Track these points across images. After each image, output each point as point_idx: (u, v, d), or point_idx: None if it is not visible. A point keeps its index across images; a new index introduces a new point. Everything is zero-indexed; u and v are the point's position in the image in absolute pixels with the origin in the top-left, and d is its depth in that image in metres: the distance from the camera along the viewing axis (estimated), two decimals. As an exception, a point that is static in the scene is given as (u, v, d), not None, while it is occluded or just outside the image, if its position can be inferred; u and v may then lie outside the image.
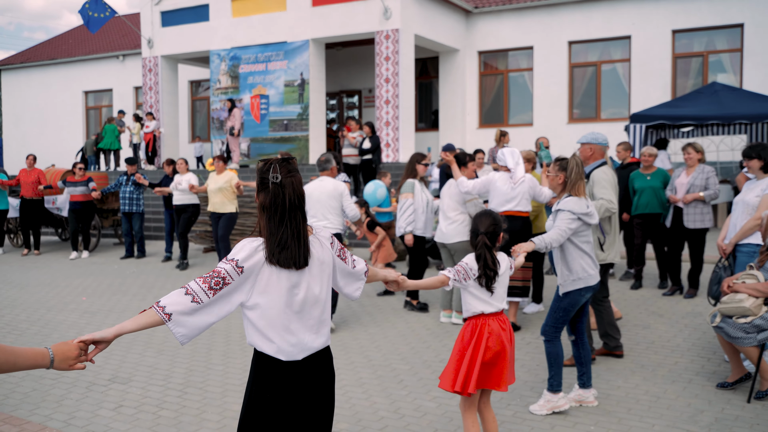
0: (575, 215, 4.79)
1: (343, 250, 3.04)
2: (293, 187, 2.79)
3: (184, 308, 2.61)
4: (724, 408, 5.01)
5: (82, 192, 12.89)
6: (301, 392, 2.82)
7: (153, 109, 20.69)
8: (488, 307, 3.92)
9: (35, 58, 27.41)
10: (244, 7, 18.90)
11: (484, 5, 19.47)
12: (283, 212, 2.76)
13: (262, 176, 2.82)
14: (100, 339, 2.57)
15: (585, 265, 4.92)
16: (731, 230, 6.10)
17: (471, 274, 3.91)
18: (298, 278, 2.78)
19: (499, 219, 4.07)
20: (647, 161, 8.87)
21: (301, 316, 2.80)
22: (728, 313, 5.17)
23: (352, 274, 3.10)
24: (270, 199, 2.78)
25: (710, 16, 17.07)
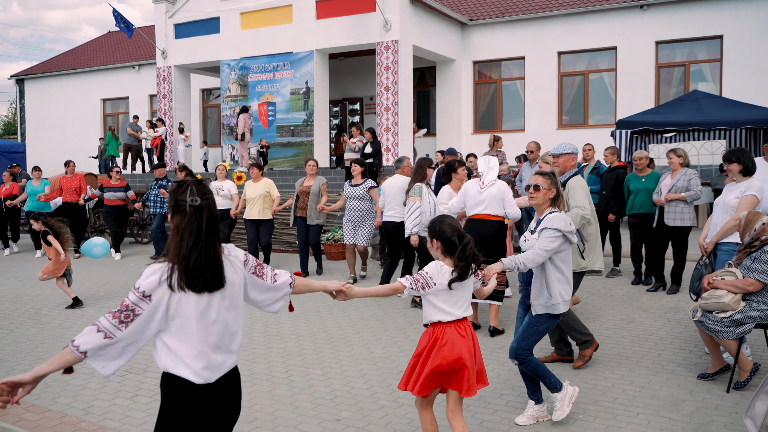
0: (561, 233, 4.35)
1: (260, 267, 2.88)
2: (210, 210, 2.65)
3: (98, 345, 2.50)
4: (705, 397, 5.01)
5: (120, 198, 12.93)
6: (213, 413, 2.70)
7: (166, 117, 20.71)
8: (446, 316, 3.61)
9: (56, 68, 27.43)
10: (252, 19, 18.91)
11: (478, 18, 19.49)
12: (199, 235, 2.59)
13: (177, 199, 2.64)
14: (20, 381, 2.50)
15: (563, 292, 4.45)
16: (712, 230, 6.11)
17: (431, 283, 3.57)
18: (209, 300, 2.63)
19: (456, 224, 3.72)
20: (640, 164, 8.91)
21: (215, 338, 2.66)
22: (709, 308, 5.18)
23: (273, 288, 2.93)
24: (186, 222, 2.60)
25: (691, 28, 17.09)
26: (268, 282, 2.90)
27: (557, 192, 4.49)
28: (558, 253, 4.41)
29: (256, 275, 2.85)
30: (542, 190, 4.48)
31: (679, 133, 13.28)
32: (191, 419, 2.66)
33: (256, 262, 2.88)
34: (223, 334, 2.69)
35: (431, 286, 3.57)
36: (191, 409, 2.65)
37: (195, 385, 2.62)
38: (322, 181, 10.27)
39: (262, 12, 18.73)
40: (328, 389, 5.39)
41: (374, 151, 13.92)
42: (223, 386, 2.73)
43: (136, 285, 2.56)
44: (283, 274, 3.00)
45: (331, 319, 7.61)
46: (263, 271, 2.89)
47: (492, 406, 4.94)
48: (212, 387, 2.67)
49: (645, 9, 17.53)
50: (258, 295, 2.90)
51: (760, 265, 5.05)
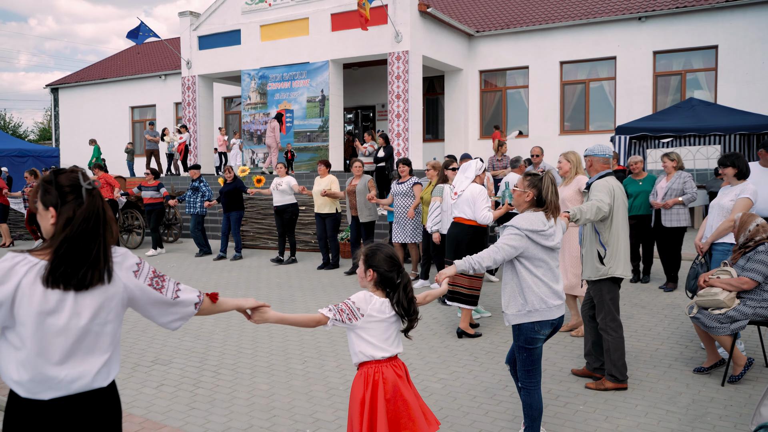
0: (520, 231, 3.77)
1: (158, 279, 2.36)
2: (102, 199, 2.26)
3: None
4: (701, 390, 4.96)
5: (155, 196, 13.03)
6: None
7: (190, 123, 20.79)
8: (381, 353, 3.02)
9: (88, 77, 27.61)
10: (271, 32, 18.96)
11: (484, 29, 19.44)
12: (97, 224, 2.20)
13: (70, 184, 2.21)
14: None
15: (542, 295, 3.80)
16: (707, 231, 6.06)
17: (357, 315, 3.00)
18: (68, 301, 2.14)
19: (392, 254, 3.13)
20: (636, 168, 8.88)
21: (62, 346, 2.14)
22: (704, 305, 5.14)
23: (172, 305, 2.39)
24: (82, 209, 2.19)
25: (688, 38, 16.98)
26: (167, 297, 2.37)
27: (537, 194, 3.87)
28: (530, 259, 3.82)
29: (152, 287, 2.34)
30: (517, 191, 3.97)
31: (676, 138, 13.17)
32: None
33: (153, 273, 2.37)
34: (74, 343, 2.16)
35: (358, 318, 3.01)
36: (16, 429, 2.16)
37: (22, 399, 2.15)
38: (367, 179, 10.22)
39: (281, 24, 18.78)
40: (341, 380, 5.38)
41: (386, 155, 13.91)
42: (67, 409, 2.17)
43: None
44: (189, 292, 2.47)
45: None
46: (162, 284, 2.37)
47: (497, 397, 4.91)
48: (46, 406, 2.15)
49: (643, 21, 17.43)
50: (151, 308, 2.37)
51: (754, 265, 5.02)
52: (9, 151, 22.29)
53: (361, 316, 3.01)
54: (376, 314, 3.02)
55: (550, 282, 3.86)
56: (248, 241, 13.71)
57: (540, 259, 3.83)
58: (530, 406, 3.91)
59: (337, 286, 9.33)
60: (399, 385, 3.01)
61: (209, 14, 20.11)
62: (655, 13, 17.18)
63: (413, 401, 3.03)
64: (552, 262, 3.90)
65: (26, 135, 53.74)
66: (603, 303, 5.01)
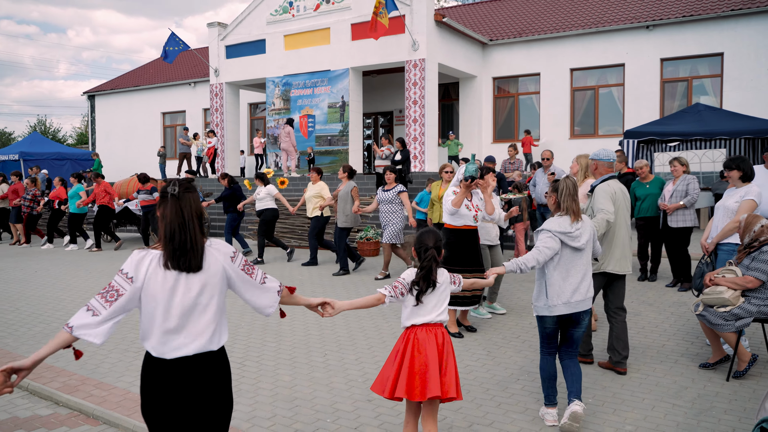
0: (552, 233, 4.09)
1: (248, 266, 2.76)
2: (191, 201, 2.63)
3: (86, 322, 2.48)
4: (706, 385, 4.90)
5: (145, 198, 13.17)
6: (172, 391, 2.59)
7: (218, 128, 20.92)
8: (419, 319, 3.41)
9: (122, 85, 27.88)
10: (294, 41, 19.03)
11: (497, 38, 19.36)
12: (182, 220, 2.58)
13: (162, 190, 2.65)
14: (20, 367, 2.46)
15: (561, 291, 4.10)
16: (713, 231, 5.99)
17: (407, 290, 3.41)
18: (181, 282, 2.57)
19: (440, 236, 3.55)
20: (643, 172, 8.80)
21: (177, 317, 2.57)
22: (710, 303, 5.08)
23: (261, 288, 2.79)
24: (168, 209, 2.61)
25: (694, 46, 16.79)
26: (255, 281, 2.78)
27: (557, 199, 4.23)
28: (560, 257, 4.11)
29: (244, 272, 2.75)
30: (547, 196, 4.41)
31: (683, 142, 13.03)
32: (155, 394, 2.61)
33: (244, 260, 2.77)
34: (192, 316, 2.60)
35: (405, 293, 3.41)
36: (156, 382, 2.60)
37: (153, 358, 2.59)
38: (351, 186, 10.21)
39: (303, 34, 18.84)
40: (360, 372, 5.38)
41: (403, 159, 13.90)
42: (186, 367, 2.60)
43: (122, 268, 2.57)
44: (273, 280, 2.87)
45: (364, 310, 7.60)
46: (252, 270, 2.78)
47: (509, 390, 4.89)
48: (173, 364, 2.58)
49: (651, 29, 17.26)
50: (245, 291, 2.78)
51: (758, 264, 4.96)
52: (49, 154, 22.63)
53: (408, 290, 3.42)
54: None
55: (573, 279, 4.12)
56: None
57: (565, 258, 4.13)
58: (540, 368, 4.31)
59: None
60: (427, 346, 3.37)
61: (236, 25, 20.22)
62: (662, 22, 17.01)
63: (444, 368, 3.37)
64: (578, 260, 4.16)
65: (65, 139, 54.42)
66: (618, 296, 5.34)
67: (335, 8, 18.11)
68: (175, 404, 2.59)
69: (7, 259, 12.77)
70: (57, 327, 7.08)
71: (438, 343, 3.40)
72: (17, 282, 9.98)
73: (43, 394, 5.09)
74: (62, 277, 10.41)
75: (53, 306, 8.20)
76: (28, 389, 5.22)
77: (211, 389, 2.66)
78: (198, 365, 2.62)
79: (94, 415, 4.64)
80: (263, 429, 4.30)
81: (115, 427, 4.47)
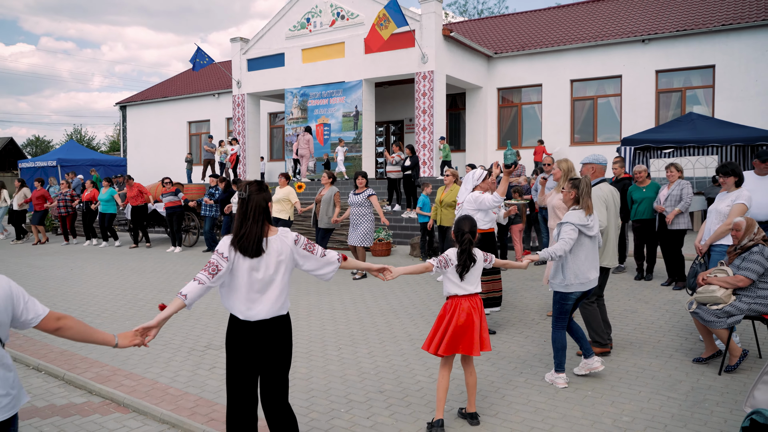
0: (575, 226, 4.49)
1: (311, 245, 3.25)
2: (255, 201, 3.11)
3: (195, 291, 3.03)
4: (699, 379, 4.86)
5: (171, 200, 13.24)
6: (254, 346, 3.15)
7: (240, 136, 21.00)
8: (460, 290, 3.94)
9: (151, 96, 28.06)
10: (311, 55, 19.08)
11: (502, 51, 19.31)
12: (246, 217, 3.09)
13: (238, 191, 3.18)
14: (149, 326, 2.94)
15: (578, 272, 4.57)
16: (706, 233, 5.94)
17: (450, 264, 3.92)
18: (257, 263, 3.08)
19: (475, 222, 4.02)
20: (640, 176, 8.72)
21: (258, 290, 3.09)
22: (703, 301, 5.04)
23: (322, 261, 3.27)
24: (239, 207, 3.14)
25: (687, 58, 16.67)
26: (317, 256, 3.26)
27: (577, 195, 4.61)
28: (576, 244, 4.54)
29: (306, 250, 3.24)
30: (564, 192, 4.72)
31: (677, 149, 12.93)
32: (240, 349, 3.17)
33: (307, 242, 3.25)
34: (266, 288, 3.13)
35: (449, 265, 3.93)
36: (238, 338, 3.17)
37: (240, 321, 3.14)
38: (334, 191, 10.08)
39: (320, 48, 18.88)
40: (372, 365, 5.37)
41: (413, 165, 13.89)
42: (266, 327, 3.15)
43: (217, 249, 3.09)
44: (332, 252, 3.34)
45: (376, 306, 7.60)
46: (313, 248, 3.26)
47: (513, 383, 4.86)
48: (254, 325, 3.13)
49: (646, 43, 17.15)
50: (309, 265, 3.27)
51: (748, 264, 4.92)
52: (83, 161, 22.84)
53: (451, 264, 3.94)
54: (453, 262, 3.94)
55: (585, 262, 4.58)
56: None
57: (582, 244, 4.56)
58: (554, 340, 4.72)
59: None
60: (472, 314, 3.91)
61: (257, 40, 20.31)
62: (657, 36, 16.90)
63: (476, 327, 3.91)
64: (591, 247, 4.64)
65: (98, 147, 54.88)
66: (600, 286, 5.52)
67: (349, 24, 18.14)
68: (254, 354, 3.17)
69: (45, 258, 12.88)
70: (91, 321, 7.13)
71: (476, 309, 3.94)
72: (55, 280, 10.06)
73: (77, 383, 5.13)
74: (96, 274, 10.48)
75: (88, 302, 8.26)
76: (64, 378, 5.26)
77: (279, 343, 3.21)
78: (272, 326, 3.17)
79: (125, 404, 4.67)
80: (282, 417, 4.29)
81: (144, 415, 4.49)
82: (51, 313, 2.50)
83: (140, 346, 2.91)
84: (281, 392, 3.26)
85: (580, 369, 4.90)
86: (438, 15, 16.85)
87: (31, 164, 22.73)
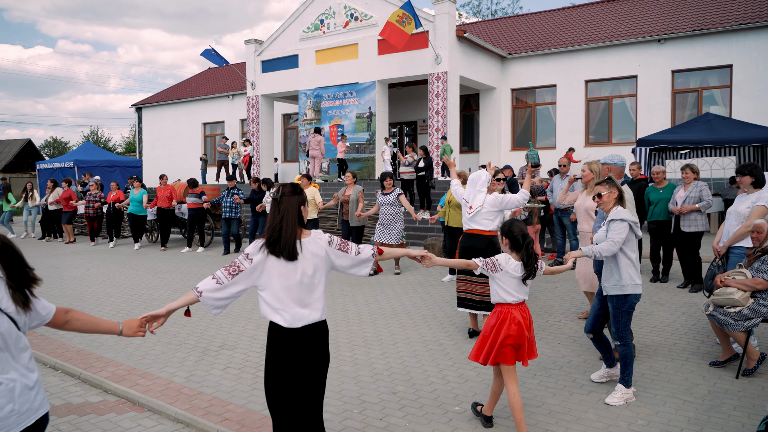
0: (627, 223, 4.27)
1: (345, 244, 3.10)
2: (289, 203, 2.96)
3: (211, 287, 2.87)
4: (716, 382, 4.80)
5: (194, 201, 13.30)
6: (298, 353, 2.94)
7: (254, 137, 21.09)
8: (511, 298, 3.80)
9: (167, 98, 28.27)
10: (325, 56, 19.12)
11: (516, 51, 19.23)
12: (280, 219, 2.94)
13: (272, 193, 3.05)
14: (157, 314, 2.90)
15: (633, 274, 4.34)
16: (725, 235, 5.87)
17: (498, 268, 3.77)
18: (293, 266, 2.90)
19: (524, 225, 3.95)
20: (658, 177, 8.62)
21: (297, 294, 2.91)
22: (720, 303, 4.97)
23: (357, 259, 3.13)
24: (272, 209, 3.00)
25: (704, 58, 16.50)
26: (352, 255, 3.11)
27: (619, 193, 4.45)
28: (626, 244, 4.33)
29: (341, 250, 3.08)
30: (606, 194, 4.45)
31: (693, 150, 12.81)
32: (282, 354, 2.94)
33: (340, 241, 3.10)
34: (304, 292, 2.94)
35: (498, 270, 3.78)
36: (281, 346, 2.94)
37: (282, 328, 2.92)
38: (359, 190, 10.29)
39: (333, 50, 18.92)
40: (385, 366, 5.37)
41: (426, 166, 13.87)
42: (308, 333, 2.95)
43: (245, 250, 2.94)
44: (366, 248, 3.18)
45: (389, 308, 7.59)
46: (347, 248, 3.11)
47: (527, 385, 4.84)
48: (297, 332, 2.92)
49: (662, 42, 17.00)
50: (345, 264, 3.11)
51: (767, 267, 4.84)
52: (100, 162, 23.01)
53: (500, 269, 3.79)
54: (511, 271, 3.80)
55: (636, 263, 4.37)
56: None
57: (632, 242, 4.36)
58: (623, 356, 4.41)
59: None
60: (523, 326, 3.79)
61: (271, 41, 20.39)
62: (673, 36, 16.75)
63: (530, 340, 3.84)
64: (635, 245, 4.41)
65: (114, 148, 55.40)
66: None
67: (363, 25, 18.16)
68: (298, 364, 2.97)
69: (62, 258, 13.02)
70: (106, 321, 7.18)
71: (526, 318, 3.84)
72: (72, 279, 10.17)
73: (93, 382, 5.17)
74: (111, 275, 10.58)
75: (103, 301, 8.34)
76: (80, 377, 5.31)
77: (319, 350, 3.03)
78: (315, 331, 2.99)
79: (140, 403, 4.70)
80: (295, 418, 4.30)
81: (159, 414, 4.52)
82: (59, 308, 2.61)
83: (144, 336, 2.89)
84: (318, 405, 3.07)
85: (600, 377, 4.81)
86: (451, 16, 16.82)
87: (49, 165, 22.96)
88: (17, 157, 39.85)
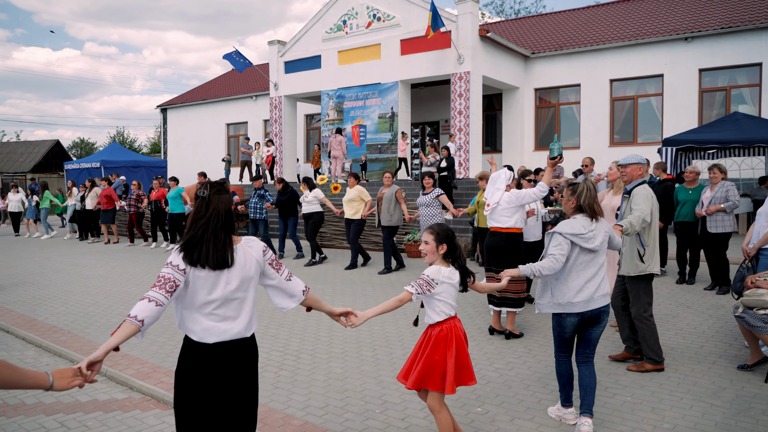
0: (565, 237, 3.82)
1: (277, 262, 2.78)
2: (218, 203, 2.63)
3: (152, 314, 2.45)
4: (744, 386, 4.70)
5: None
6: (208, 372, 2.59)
7: (276, 138, 21.23)
8: (453, 310, 3.43)
9: (191, 99, 28.59)
10: (347, 57, 19.16)
11: (539, 51, 19.08)
12: (205, 222, 2.59)
13: (196, 193, 2.67)
14: (94, 360, 2.33)
15: (566, 290, 3.85)
16: (755, 237, 5.75)
17: (433, 284, 3.33)
18: (216, 277, 2.56)
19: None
20: (690, 177, 8.46)
21: (219, 308, 2.58)
22: (750, 304, 4.88)
23: (285, 284, 2.80)
24: (195, 209, 2.66)
25: (732, 56, 16.19)
26: (281, 278, 2.78)
27: (578, 203, 3.95)
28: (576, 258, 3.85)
29: (272, 267, 2.75)
30: (563, 200, 4.08)
31: (721, 150, 12.58)
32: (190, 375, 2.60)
33: (273, 257, 2.77)
34: (228, 305, 2.61)
35: (434, 286, 3.34)
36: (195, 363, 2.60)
37: (196, 343, 2.59)
38: (395, 189, 10.28)
39: (356, 50, 18.96)
40: (407, 367, 5.35)
41: (449, 166, 13.84)
42: (228, 350, 2.61)
43: (169, 261, 2.55)
44: (298, 282, 2.87)
45: (410, 307, 7.57)
46: (279, 267, 2.78)
47: (549, 387, 4.79)
48: (212, 348, 2.58)
49: (689, 41, 16.72)
50: (269, 288, 2.80)
51: (798, 269, 4.74)
52: (125, 162, 23.36)
53: (435, 284, 3.35)
54: (446, 280, 3.38)
55: (580, 280, 3.85)
56: (326, 241, 13.91)
57: (578, 260, 3.86)
58: (558, 373, 4.09)
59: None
60: (462, 338, 3.43)
61: (294, 42, 20.51)
62: (700, 34, 16.47)
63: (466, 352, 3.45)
64: (589, 262, 3.88)
65: (140, 149, 56.18)
66: (639, 297, 5.06)
67: (385, 26, 18.17)
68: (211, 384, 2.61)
69: (89, 257, 13.24)
70: (132, 319, 7.28)
71: (462, 333, 3.47)
72: (98, 278, 10.34)
73: (119, 379, 5.25)
74: (137, 274, 10.73)
75: (129, 300, 8.46)
76: (106, 375, 5.39)
77: (243, 371, 2.69)
78: (233, 349, 2.63)
79: (164, 400, 4.76)
80: (316, 417, 4.33)
81: (183, 412, 4.57)
82: None
83: (81, 386, 2.31)
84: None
85: (552, 411, 4.25)
86: (474, 15, 16.75)
87: (76, 166, 23.38)
88: (46, 157, 40.63)
